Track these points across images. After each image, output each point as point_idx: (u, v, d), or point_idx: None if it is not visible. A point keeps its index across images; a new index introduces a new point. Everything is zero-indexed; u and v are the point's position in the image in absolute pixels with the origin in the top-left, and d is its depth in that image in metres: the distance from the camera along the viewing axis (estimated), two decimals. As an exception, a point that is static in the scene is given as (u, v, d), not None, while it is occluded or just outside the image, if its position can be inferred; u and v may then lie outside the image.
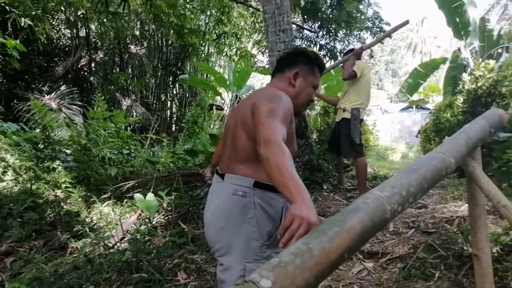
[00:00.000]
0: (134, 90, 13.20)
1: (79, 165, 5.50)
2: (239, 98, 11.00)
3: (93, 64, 12.70)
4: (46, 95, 10.75)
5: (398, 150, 16.37)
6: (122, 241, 3.08)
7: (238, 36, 6.01)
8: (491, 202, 1.38)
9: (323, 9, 5.13)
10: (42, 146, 6.09)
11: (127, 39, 13.44)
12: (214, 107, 11.00)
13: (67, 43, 12.85)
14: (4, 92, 11.28)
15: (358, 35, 8.00)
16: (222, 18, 5.92)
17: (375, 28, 8.80)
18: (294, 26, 6.26)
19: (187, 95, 13.81)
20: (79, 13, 8.48)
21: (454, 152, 1.25)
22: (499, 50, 9.59)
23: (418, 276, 2.20)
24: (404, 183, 1.01)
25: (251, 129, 1.34)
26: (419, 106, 19.14)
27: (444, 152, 1.22)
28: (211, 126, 11.27)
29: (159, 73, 13.45)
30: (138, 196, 3.20)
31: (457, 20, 9.49)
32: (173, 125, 13.94)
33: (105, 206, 4.49)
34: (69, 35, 12.73)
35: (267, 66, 5.68)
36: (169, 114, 14.16)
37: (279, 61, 1.69)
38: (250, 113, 1.37)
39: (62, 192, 4.58)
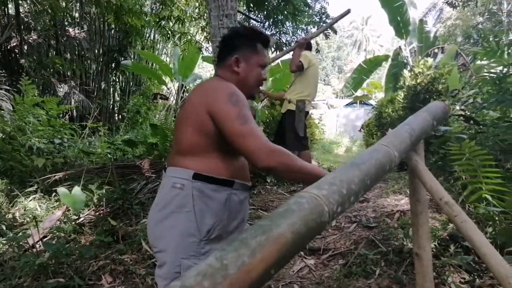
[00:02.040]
0: (72, 76, 12.33)
1: (1, 155, 4.96)
2: (185, 87, 10.64)
3: (25, 47, 11.64)
4: (-35, 78, 9.71)
5: (343, 144, 16.89)
6: (43, 241, 2.75)
7: (182, 19, 5.69)
8: (433, 198, 1.32)
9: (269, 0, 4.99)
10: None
11: (65, 20, 12.50)
12: (159, 96, 10.54)
13: (-7, 22, 11.63)
14: None
15: (305, 29, 8.02)
16: (166, 0, 5.59)
17: (321, 23, 8.90)
18: (240, 14, 6.08)
19: (131, 83, 13.17)
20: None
21: (398, 145, 1.16)
22: (435, 50, 10.12)
23: (359, 273, 2.15)
24: (345, 180, 0.88)
25: (200, 124, 1.32)
26: (362, 102, 19.88)
27: (388, 144, 1.12)
28: (156, 116, 10.81)
29: (100, 59, 12.68)
30: (61, 190, 2.87)
31: (398, 19, 9.86)
32: (116, 115, 13.25)
33: (30, 200, 4.06)
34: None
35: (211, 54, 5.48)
36: (111, 102, 13.44)
37: (219, 48, 1.55)
38: (203, 110, 1.31)
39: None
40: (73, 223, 2.87)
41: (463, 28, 16.82)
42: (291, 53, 4.16)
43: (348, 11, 4.04)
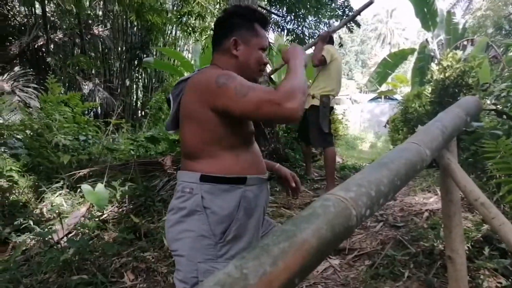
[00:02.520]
0: (97, 74, 12.59)
1: (29, 152, 5.09)
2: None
3: (52, 45, 11.95)
4: (-2, 76, 10.05)
5: (367, 140, 16.58)
6: (68, 237, 2.79)
7: (203, 15, 5.68)
8: (468, 199, 1.23)
9: (291, -8, 4.90)
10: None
11: (89, 19, 12.75)
12: (181, 93, 10.57)
13: (23, 21, 11.98)
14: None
15: (328, 23, 7.86)
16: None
17: (344, 17, 8.70)
18: (260, 9, 6.01)
19: (153, 80, 13.31)
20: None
21: (429, 142, 1.08)
22: (464, 43, 9.75)
23: (386, 275, 2.06)
24: (373, 181, 0.82)
25: (204, 122, 1.25)
26: (387, 97, 19.46)
27: (419, 142, 1.05)
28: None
29: (123, 56, 12.87)
30: (85, 187, 2.90)
31: (425, 10, 9.55)
32: (139, 111, 13.44)
33: (56, 196, 4.14)
34: (26, 13, 11.86)
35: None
36: (134, 99, 13.64)
37: (214, 32, 1.45)
38: (206, 108, 1.24)
39: (6, 181, 4.19)
40: (97, 219, 2.90)
41: (494, 19, 16.14)
42: (313, 47, 4.07)
43: (370, 2, 3.91)
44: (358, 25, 10.23)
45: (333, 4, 7.73)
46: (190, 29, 6.19)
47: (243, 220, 1.27)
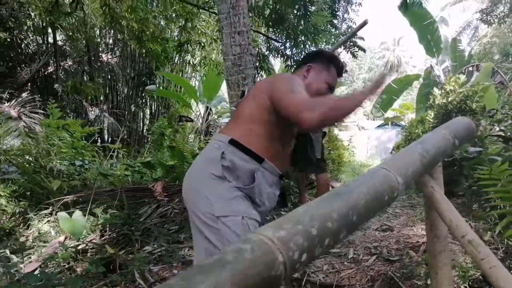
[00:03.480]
0: (105, 100, 12.75)
1: (22, 177, 5.01)
2: (210, 109, 10.62)
3: (62, 72, 12.19)
4: (6, 102, 10.20)
5: (373, 167, 16.25)
6: (41, 268, 2.62)
7: (203, 44, 5.69)
8: (454, 236, 1.05)
9: (289, 19, 4.85)
10: (-14, 157, 5.58)
11: (99, 47, 13.03)
12: (184, 118, 10.61)
13: (34, 50, 12.32)
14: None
15: (330, 50, 7.83)
16: (186, 25, 5.61)
17: (349, 43, 8.69)
18: (261, 36, 5.98)
19: (160, 107, 13.38)
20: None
21: (403, 168, 0.93)
22: (470, 69, 9.64)
23: (373, 317, 1.85)
24: (318, 215, 0.66)
25: (262, 100, 1.47)
26: (394, 123, 19.28)
27: (389, 167, 0.89)
28: (184, 139, 10.82)
29: (131, 83, 13.03)
30: (61, 215, 2.75)
31: (429, 37, 9.53)
32: (145, 137, 13.46)
33: (44, 223, 4.00)
34: (37, 42, 12.21)
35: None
36: (141, 125, 13.71)
37: (299, 61, 1.66)
38: (267, 92, 1.46)
39: (-6, 207, 4.07)
40: (72, 249, 2.73)
41: (501, 46, 16.07)
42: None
43: (365, 22, 3.84)
44: (364, 50, 10.23)
45: (337, 31, 7.72)
46: (190, 56, 6.22)
47: (253, 193, 1.41)
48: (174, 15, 6.47)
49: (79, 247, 2.85)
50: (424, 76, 10.73)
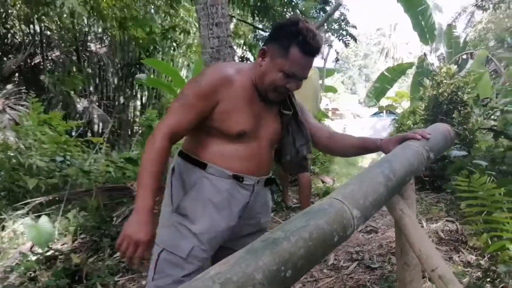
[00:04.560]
0: (94, 91, 12.53)
1: (0, 175, 4.84)
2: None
3: (49, 63, 11.93)
4: (-12, 95, 9.98)
5: (368, 156, 16.19)
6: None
7: (187, 30, 5.48)
8: (423, 268, 0.91)
9: (275, 6, 4.65)
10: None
11: (87, 36, 12.76)
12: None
13: (20, 40, 12.03)
14: None
15: (323, 37, 7.65)
16: (170, 11, 5.39)
17: (341, 31, 8.49)
18: (248, 26, 5.78)
19: (151, 97, 13.14)
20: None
21: (361, 197, 0.78)
22: (464, 56, 9.48)
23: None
24: (236, 280, 0.52)
25: None
26: (389, 112, 19.16)
27: (343, 199, 0.74)
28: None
29: (120, 73, 12.79)
30: (27, 221, 2.60)
31: (423, 24, 9.34)
32: (135, 129, 13.25)
33: (20, 224, 3.85)
34: (23, 31, 11.91)
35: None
36: (131, 116, 13.49)
37: None
38: None
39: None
40: (40, 257, 2.58)
41: (496, 32, 15.87)
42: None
43: (338, 4, 3.70)
44: (355, 39, 10.04)
45: (323, 16, 7.51)
46: (175, 44, 6.01)
47: (195, 204, 1.31)
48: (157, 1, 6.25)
49: (48, 253, 2.70)
50: (418, 64, 10.56)
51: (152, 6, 7.60)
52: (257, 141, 1.34)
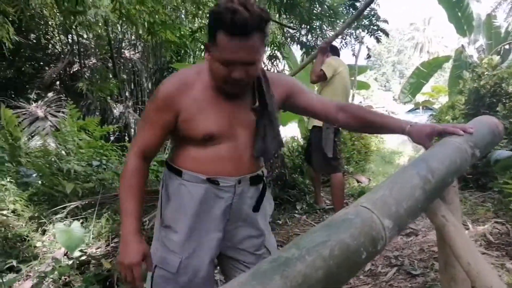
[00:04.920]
0: (130, 96, 12.93)
1: (41, 180, 5.04)
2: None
3: (86, 70, 12.45)
4: (34, 103, 10.51)
5: (405, 154, 15.62)
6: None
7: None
8: (473, 284, 0.80)
9: (301, 3, 4.53)
10: (8, 158, 5.70)
11: (122, 43, 13.20)
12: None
13: (60, 50, 12.65)
14: (-11, 101, 11.03)
15: (353, 33, 7.43)
16: (198, 12, 5.42)
17: (372, 27, 8.21)
18: (272, 23, 5.69)
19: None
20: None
21: (393, 204, 0.68)
22: (506, 47, 8.92)
23: None
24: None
25: None
26: (425, 107, 18.43)
27: (372, 206, 0.65)
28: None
29: (153, 78, 13.11)
30: (59, 226, 2.65)
31: (459, 15, 8.88)
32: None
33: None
34: (61, 41, 12.51)
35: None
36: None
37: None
38: None
39: (8, 212, 4.08)
40: (76, 262, 2.61)
41: (541, 20, 14.90)
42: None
43: (371, 1, 3.54)
44: (387, 34, 9.71)
45: (353, 13, 7.30)
46: (203, 45, 6.00)
47: (176, 213, 1.30)
48: (185, 3, 6.27)
49: (82, 258, 2.74)
50: (455, 57, 10.05)
51: (183, 11, 7.67)
52: (233, 141, 1.26)
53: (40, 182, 4.95)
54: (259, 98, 1.27)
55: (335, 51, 3.68)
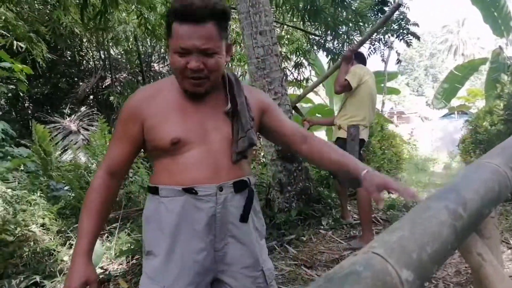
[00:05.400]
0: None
1: (70, 193, 5.15)
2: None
3: (118, 84, 12.87)
4: (67, 117, 10.93)
5: (440, 161, 14.99)
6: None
7: (238, 41, 5.48)
8: None
9: (325, 9, 4.41)
10: (42, 173, 5.90)
11: (152, 57, 13.59)
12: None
13: (92, 65, 13.21)
14: (25, 115, 11.56)
15: (382, 39, 7.21)
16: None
17: (401, 31, 7.95)
18: (298, 30, 5.60)
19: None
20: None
21: (413, 248, 0.55)
22: (550, 46, 8.39)
23: None
24: None
25: None
26: (461, 112, 17.67)
27: (385, 254, 0.53)
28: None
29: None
30: (79, 243, 2.62)
31: (495, 14, 8.44)
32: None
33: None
34: (93, 57, 13.06)
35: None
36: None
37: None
38: None
39: (37, 227, 4.15)
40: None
41: None
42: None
43: (398, 5, 3.37)
44: (418, 38, 9.38)
45: (381, 18, 7.09)
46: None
47: (154, 234, 1.21)
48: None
49: (102, 275, 2.71)
50: (492, 59, 9.56)
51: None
52: (206, 146, 1.19)
53: (69, 195, 5.06)
54: (230, 100, 1.22)
55: (361, 59, 3.51)
